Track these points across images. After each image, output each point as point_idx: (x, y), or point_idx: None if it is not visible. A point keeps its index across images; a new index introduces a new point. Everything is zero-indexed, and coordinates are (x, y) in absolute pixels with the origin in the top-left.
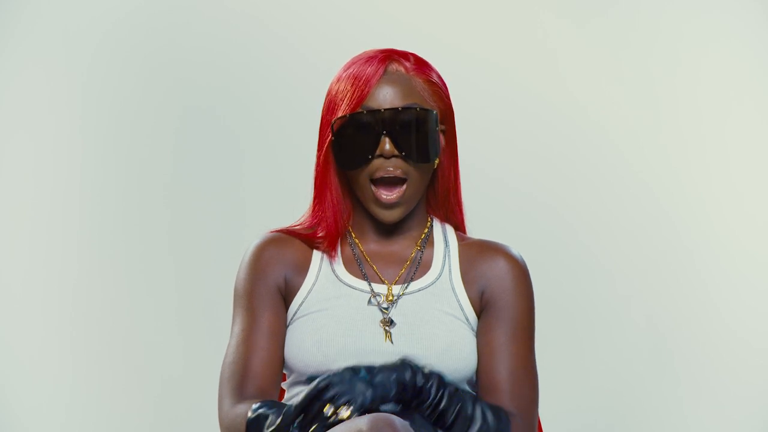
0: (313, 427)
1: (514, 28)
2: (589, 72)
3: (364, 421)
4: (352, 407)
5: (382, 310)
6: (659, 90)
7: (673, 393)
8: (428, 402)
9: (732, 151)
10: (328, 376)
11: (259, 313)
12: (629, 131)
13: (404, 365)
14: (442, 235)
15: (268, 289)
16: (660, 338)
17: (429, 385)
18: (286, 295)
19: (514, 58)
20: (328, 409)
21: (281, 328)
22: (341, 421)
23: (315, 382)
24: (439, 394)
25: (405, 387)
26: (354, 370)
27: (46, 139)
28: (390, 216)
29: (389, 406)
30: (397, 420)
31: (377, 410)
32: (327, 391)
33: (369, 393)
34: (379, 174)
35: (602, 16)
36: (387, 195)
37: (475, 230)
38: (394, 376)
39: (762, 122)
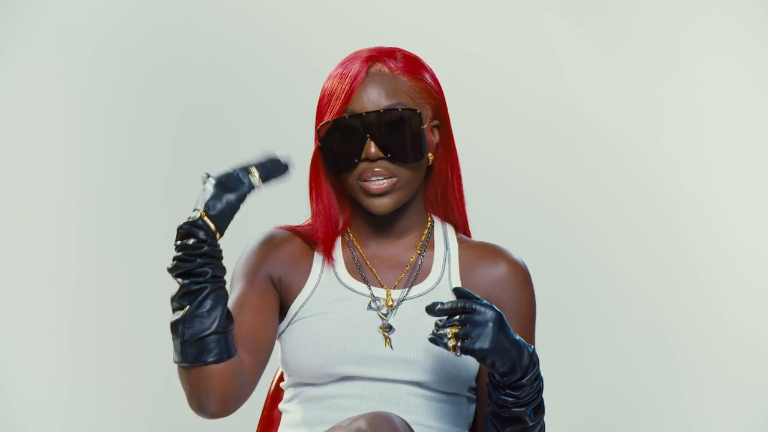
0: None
1: (514, 28)
2: (589, 72)
3: (363, 419)
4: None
5: (381, 316)
6: (659, 90)
7: (674, 392)
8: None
9: (732, 151)
10: None
11: (247, 291)
12: (629, 131)
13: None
14: (443, 236)
15: (261, 274)
16: (660, 338)
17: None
18: (284, 293)
19: (514, 58)
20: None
21: (265, 306)
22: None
23: None
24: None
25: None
26: None
27: (46, 139)
28: (381, 204)
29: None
30: (396, 418)
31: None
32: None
33: None
34: (366, 176)
35: (602, 16)
36: (377, 185)
37: (475, 230)
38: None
39: (762, 122)
